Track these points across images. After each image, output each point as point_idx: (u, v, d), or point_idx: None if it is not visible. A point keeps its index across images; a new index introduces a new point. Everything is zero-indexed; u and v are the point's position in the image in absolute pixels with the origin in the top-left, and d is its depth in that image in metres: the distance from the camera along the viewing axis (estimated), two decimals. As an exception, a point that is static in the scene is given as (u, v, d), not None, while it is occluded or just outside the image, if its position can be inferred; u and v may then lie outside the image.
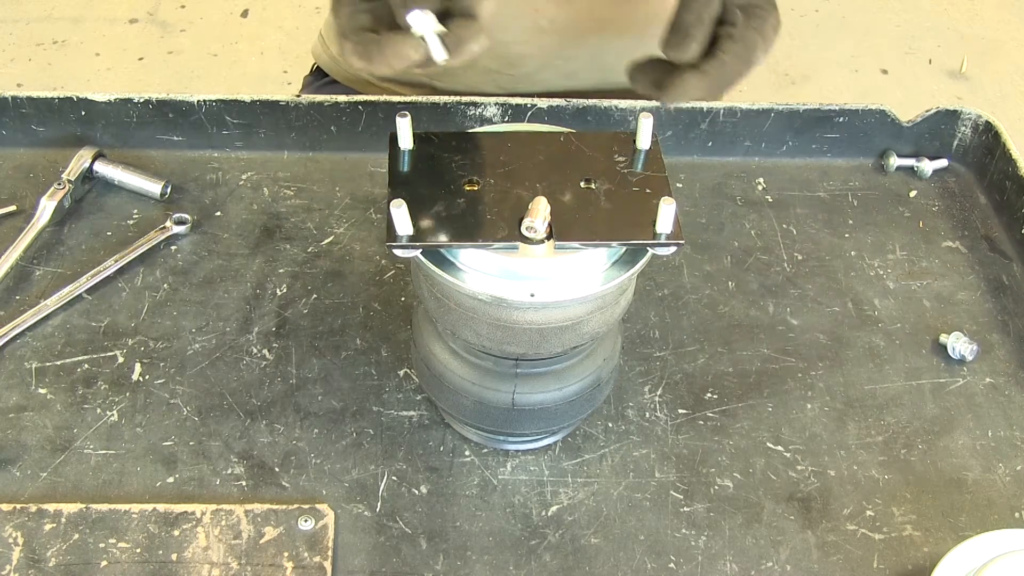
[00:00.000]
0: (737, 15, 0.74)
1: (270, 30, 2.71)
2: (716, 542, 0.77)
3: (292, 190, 1.01)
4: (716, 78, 0.73)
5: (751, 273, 0.96)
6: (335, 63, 1.22)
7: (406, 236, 0.64)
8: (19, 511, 0.75)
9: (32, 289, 0.91)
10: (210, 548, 0.73)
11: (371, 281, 0.93)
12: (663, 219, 0.64)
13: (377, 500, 0.78)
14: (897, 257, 0.99)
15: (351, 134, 1.03)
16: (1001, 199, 1.03)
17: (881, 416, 0.86)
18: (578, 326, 0.68)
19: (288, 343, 0.88)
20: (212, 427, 0.82)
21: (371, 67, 0.62)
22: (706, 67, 0.72)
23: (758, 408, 0.86)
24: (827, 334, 0.92)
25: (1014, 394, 0.88)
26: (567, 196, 0.67)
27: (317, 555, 0.73)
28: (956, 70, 2.70)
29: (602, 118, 1.03)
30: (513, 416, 0.75)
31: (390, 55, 0.62)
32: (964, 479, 0.82)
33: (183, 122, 1.02)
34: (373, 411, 0.83)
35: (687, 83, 0.72)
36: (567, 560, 0.75)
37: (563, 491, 0.79)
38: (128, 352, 0.86)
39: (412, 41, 0.61)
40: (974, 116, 1.06)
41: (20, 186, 0.99)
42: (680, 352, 0.89)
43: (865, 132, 1.06)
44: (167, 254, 0.95)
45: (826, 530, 0.78)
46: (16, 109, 1.01)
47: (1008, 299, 0.95)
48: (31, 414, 0.82)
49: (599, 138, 0.72)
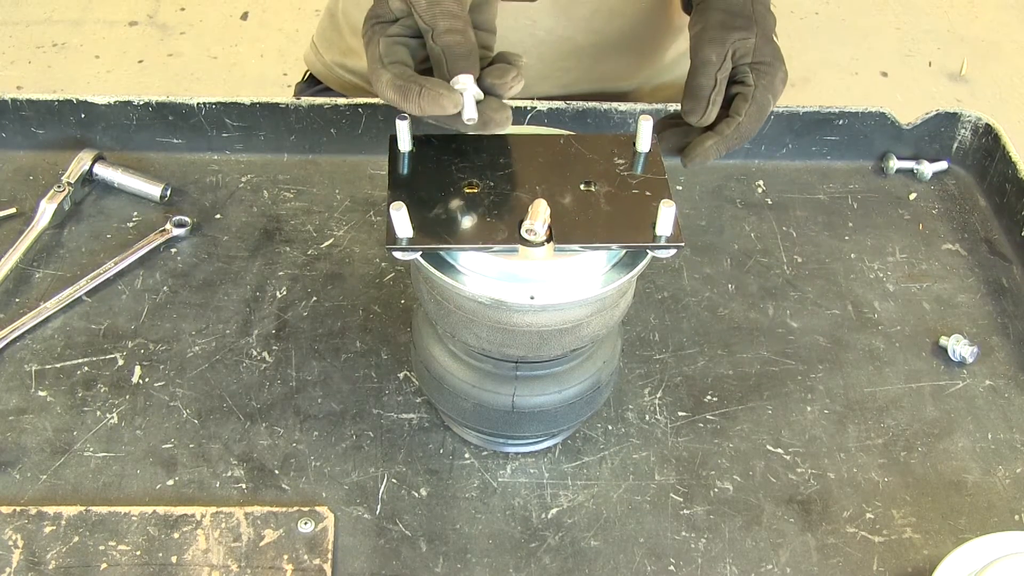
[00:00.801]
0: (748, 74, 0.80)
1: (270, 32, 2.72)
2: (716, 545, 0.77)
3: (292, 193, 1.01)
4: (734, 139, 0.80)
5: (751, 275, 0.96)
6: (329, 70, 1.22)
7: (406, 239, 0.64)
8: (19, 513, 0.75)
9: (32, 292, 0.91)
10: (210, 551, 0.73)
11: (371, 283, 0.93)
12: (663, 221, 0.64)
13: (377, 503, 0.78)
14: (897, 259, 0.99)
15: (351, 137, 1.03)
16: (1001, 201, 1.03)
17: (881, 419, 0.86)
18: (578, 328, 0.68)
19: (288, 345, 0.88)
20: (212, 429, 0.82)
21: (403, 104, 0.64)
22: (725, 131, 0.79)
23: (758, 411, 0.86)
24: (827, 336, 0.92)
25: (1014, 396, 0.88)
26: (567, 198, 0.67)
27: (317, 558, 0.73)
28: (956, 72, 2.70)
29: (601, 120, 1.03)
30: (513, 419, 0.75)
31: (428, 102, 0.63)
32: (964, 481, 0.82)
33: (183, 124, 1.02)
34: (373, 414, 0.83)
35: (707, 149, 0.80)
36: (567, 563, 0.75)
37: (563, 494, 0.79)
38: (128, 354, 0.86)
39: (453, 96, 0.63)
40: (974, 118, 1.06)
41: (20, 188, 0.99)
42: (680, 355, 0.89)
43: (865, 135, 1.06)
44: (167, 257, 0.95)
45: (826, 533, 0.78)
46: (16, 111, 1.01)
47: (1008, 301, 0.95)
48: (31, 417, 0.82)
49: (599, 141, 0.72)
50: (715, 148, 0.80)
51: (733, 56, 0.81)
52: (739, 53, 0.81)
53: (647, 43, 1.10)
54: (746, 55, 0.81)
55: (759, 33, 0.82)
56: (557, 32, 1.04)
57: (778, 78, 0.81)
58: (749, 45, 0.81)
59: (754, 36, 0.82)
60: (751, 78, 0.81)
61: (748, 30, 0.82)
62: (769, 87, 0.80)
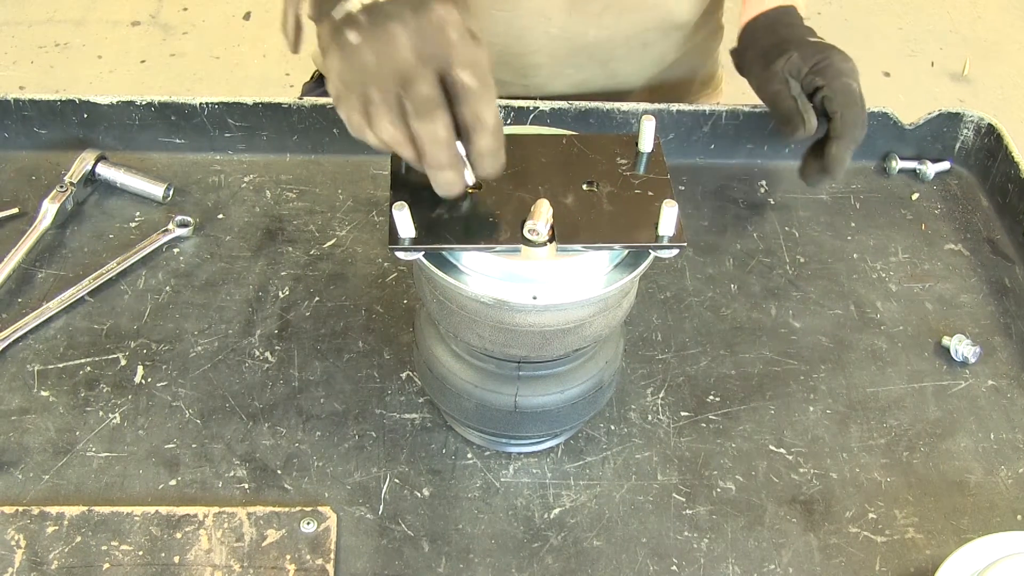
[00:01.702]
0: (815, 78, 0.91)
1: (272, 32, 2.71)
2: (718, 545, 0.77)
3: (294, 193, 1.01)
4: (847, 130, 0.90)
5: (753, 276, 0.96)
6: None
7: (408, 239, 0.64)
8: (21, 513, 0.75)
9: (34, 292, 0.91)
10: (212, 551, 0.73)
11: (373, 284, 0.93)
12: (665, 221, 0.64)
13: (379, 503, 0.78)
14: (899, 260, 0.99)
15: (353, 137, 1.03)
16: (1003, 202, 1.03)
17: (883, 419, 0.86)
18: (580, 329, 0.68)
19: (290, 345, 0.88)
20: (214, 430, 0.82)
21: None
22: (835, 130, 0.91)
23: (760, 411, 0.85)
24: (829, 337, 0.91)
25: (1016, 396, 0.88)
26: (569, 199, 0.67)
27: (319, 558, 0.73)
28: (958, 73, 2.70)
29: (604, 120, 1.03)
30: (515, 419, 0.75)
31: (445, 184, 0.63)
32: (966, 482, 0.82)
33: (185, 125, 1.02)
34: (375, 414, 0.83)
35: (834, 154, 0.91)
36: (569, 563, 0.75)
37: (565, 494, 0.79)
38: (130, 355, 0.86)
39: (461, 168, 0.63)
40: (976, 119, 1.06)
41: (22, 189, 1.00)
42: (682, 355, 0.89)
43: (868, 135, 1.05)
44: (169, 257, 0.95)
45: (828, 533, 0.78)
46: (18, 112, 1.01)
47: (1010, 302, 0.95)
48: (33, 417, 0.82)
49: (601, 141, 0.72)
50: (838, 148, 0.90)
51: (793, 75, 0.92)
52: (793, 71, 0.92)
53: (655, 41, 1.10)
54: (800, 68, 0.92)
55: (795, 45, 0.93)
56: (569, 29, 1.05)
57: (836, 60, 0.91)
58: (795, 61, 0.92)
59: (793, 51, 0.93)
60: (818, 79, 0.91)
61: (785, 51, 0.93)
62: (836, 73, 0.90)
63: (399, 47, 0.60)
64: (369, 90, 0.60)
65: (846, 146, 0.91)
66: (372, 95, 0.60)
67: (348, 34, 0.60)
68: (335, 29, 0.61)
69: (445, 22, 0.60)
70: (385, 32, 0.60)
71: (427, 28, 0.60)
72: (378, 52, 0.60)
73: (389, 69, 0.60)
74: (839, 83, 0.90)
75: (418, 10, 0.60)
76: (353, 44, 0.60)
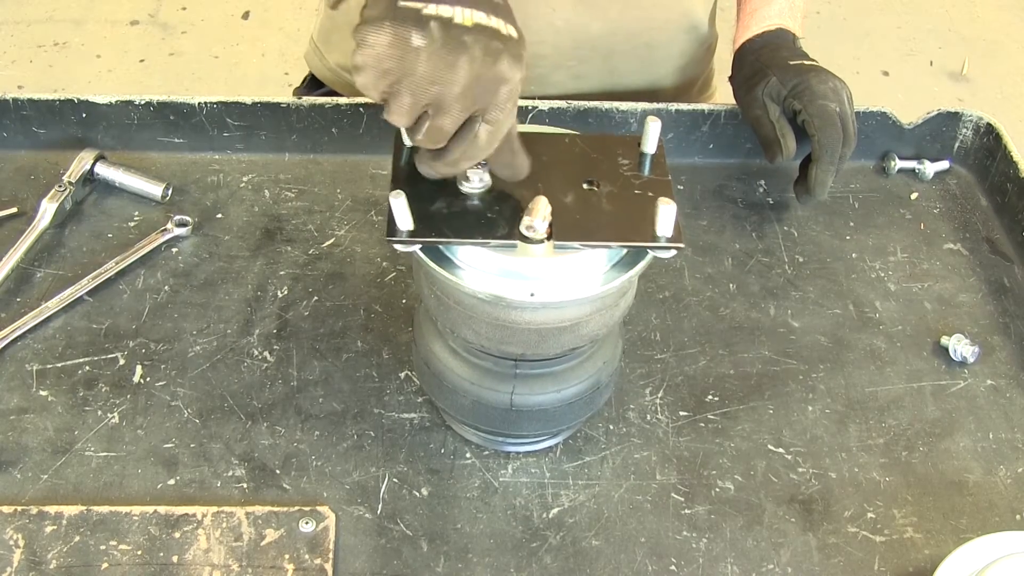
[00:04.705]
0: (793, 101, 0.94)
1: (271, 32, 2.71)
2: (717, 544, 0.77)
3: (293, 192, 1.01)
4: (826, 151, 0.93)
5: (752, 275, 0.96)
6: (334, 74, 1.20)
7: (406, 231, 0.64)
8: (20, 513, 0.75)
9: (33, 291, 0.91)
10: (211, 550, 0.73)
11: (372, 283, 0.93)
12: (663, 221, 0.64)
13: (378, 502, 0.78)
14: (898, 259, 0.99)
15: (352, 136, 1.03)
16: (1002, 201, 1.03)
17: (882, 418, 0.86)
18: (577, 327, 0.68)
19: (289, 345, 0.88)
20: (213, 429, 0.82)
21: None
22: (815, 153, 0.94)
23: (759, 410, 0.85)
24: (828, 336, 0.91)
25: (1015, 396, 0.88)
26: (568, 197, 0.67)
27: (318, 557, 0.73)
28: (957, 72, 2.70)
29: (603, 120, 1.03)
30: (511, 417, 0.75)
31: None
32: (965, 481, 0.82)
33: (184, 124, 1.02)
34: (374, 413, 0.83)
35: (814, 176, 0.94)
36: (568, 562, 0.75)
37: (564, 493, 0.79)
38: (129, 354, 0.86)
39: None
40: (975, 118, 1.06)
41: (21, 188, 1.00)
42: (681, 354, 0.89)
43: (866, 134, 1.06)
44: (168, 256, 0.95)
45: (827, 532, 0.78)
46: (17, 111, 1.01)
47: (1009, 301, 0.95)
48: (32, 416, 0.82)
49: (604, 141, 0.72)
50: (818, 170, 0.94)
51: (773, 99, 0.96)
52: (773, 95, 0.96)
53: (658, 38, 1.10)
54: (780, 92, 0.95)
55: (775, 69, 0.96)
56: (574, 21, 1.05)
57: (813, 82, 0.94)
58: (774, 85, 0.96)
59: (772, 75, 0.96)
60: (796, 103, 0.94)
61: (764, 77, 0.97)
62: (812, 96, 0.93)
63: (453, 81, 0.59)
64: (401, 87, 0.59)
65: (825, 168, 0.94)
66: (401, 93, 0.59)
67: (414, 33, 0.58)
68: (401, 16, 0.59)
69: (504, 80, 0.60)
70: (451, 59, 0.58)
71: (486, 77, 0.59)
72: (432, 69, 0.58)
73: (432, 90, 0.59)
74: (815, 106, 0.93)
75: (487, 56, 0.59)
76: (412, 45, 0.58)
